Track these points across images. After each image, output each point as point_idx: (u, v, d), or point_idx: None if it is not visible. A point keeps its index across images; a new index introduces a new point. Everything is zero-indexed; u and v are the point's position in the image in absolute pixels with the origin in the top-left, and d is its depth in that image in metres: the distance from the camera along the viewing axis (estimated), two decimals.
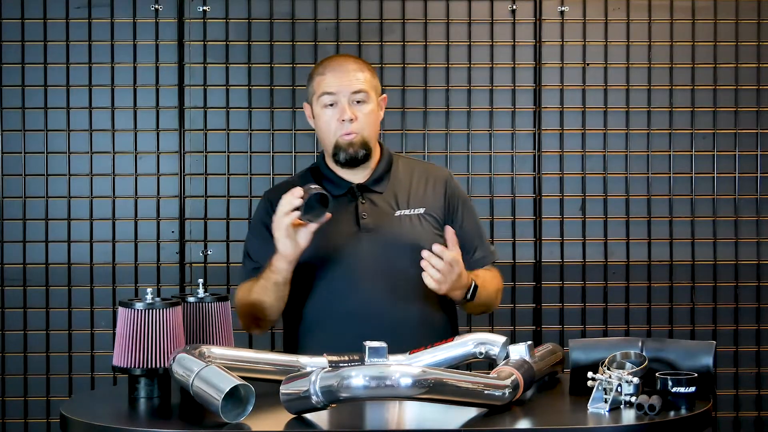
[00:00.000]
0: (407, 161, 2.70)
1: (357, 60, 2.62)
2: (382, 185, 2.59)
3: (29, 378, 3.71)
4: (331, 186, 2.58)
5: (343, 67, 2.56)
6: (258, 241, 2.60)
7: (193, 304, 2.28)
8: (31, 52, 3.72)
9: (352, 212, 2.55)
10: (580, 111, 3.76)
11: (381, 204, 2.57)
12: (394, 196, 2.58)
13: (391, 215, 2.56)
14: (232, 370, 2.00)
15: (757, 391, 3.79)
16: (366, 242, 2.52)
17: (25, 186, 3.72)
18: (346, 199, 2.57)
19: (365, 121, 2.54)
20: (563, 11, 3.76)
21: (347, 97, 2.53)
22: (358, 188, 2.58)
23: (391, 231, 2.53)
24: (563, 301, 3.75)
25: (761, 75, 3.79)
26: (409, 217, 2.56)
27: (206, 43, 3.73)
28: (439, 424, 1.97)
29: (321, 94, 2.54)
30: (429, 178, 2.64)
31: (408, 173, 2.64)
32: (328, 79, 2.54)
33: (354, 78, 2.54)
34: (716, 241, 3.78)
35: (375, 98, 2.58)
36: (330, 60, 2.62)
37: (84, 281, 3.71)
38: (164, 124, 3.73)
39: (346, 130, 2.53)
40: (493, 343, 2.25)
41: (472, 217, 2.67)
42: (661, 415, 1.93)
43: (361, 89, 2.54)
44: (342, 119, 2.52)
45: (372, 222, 2.54)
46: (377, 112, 2.59)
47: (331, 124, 2.54)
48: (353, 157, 2.54)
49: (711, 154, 3.78)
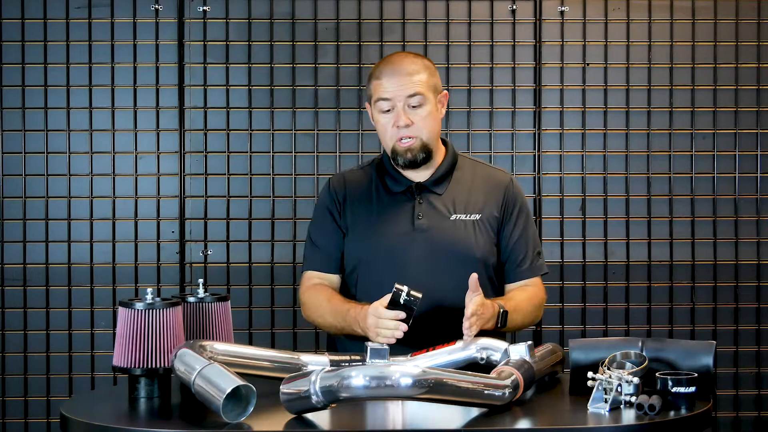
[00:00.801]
0: (471, 163, 2.68)
1: (414, 60, 2.56)
2: (441, 187, 2.58)
3: (29, 378, 3.71)
4: (392, 182, 2.59)
5: (399, 70, 2.52)
6: (325, 230, 2.60)
7: (193, 304, 2.28)
8: (31, 52, 3.72)
9: (408, 212, 2.55)
10: (580, 111, 3.77)
11: (438, 206, 2.56)
12: (452, 198, 2.57)
13: (447, 218, 2.54)
14: (234, 366, 2.00)
15: (757, 391, 3.79)
16: (419, 243, 2.51)
17: (25, 186, 3.72)
18: (404, 198, 2.57)
19: (422, 124, 2.52)
20: (563, 11, 3.76)
21: (403, 101, 2.50)
22: (417, 188, 2.57)
23: (444, 234, 2.53)
24: (563, 301, 3.75)
25: (761, 75, 3.79)
26: (464, 223, 2.54)
27: (206, 43, 3.73)
28: (439, 424, 1.97)
29: (377, 100, 2.53)
30: (490, 183, 2.61)
31: (470, 176, 2.62)
32: (384, 84, 2.52)
33: (409, 82, 2.51)
34: (716, 241, 3.78)
35: (433, 98, 2.54)
36: (386, 62, 2.57)
37: (84, 281, 3.71)
38: (164, 124, 3.73)
39: (402, 134, 2.52)
40: (495, 348, 2.25)
41: (525, 227, 2.62)
42: (661, 415, 1.93)
43: (416, 92, 2.50)
44: (398, 125, 2.51)
45: (427, 223, 2.53)
46: (436, 112, 2.56)
47: (387, 129, 2.53)
48: (412, 161, 2.54)
49: (711, 154, 3.78)
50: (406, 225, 2.54)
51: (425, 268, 2.50)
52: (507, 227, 2.59)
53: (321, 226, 2.62)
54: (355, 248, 2.56)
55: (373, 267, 2.53)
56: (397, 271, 2.48)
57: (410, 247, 2.51)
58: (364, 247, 2.54)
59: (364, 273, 2.55)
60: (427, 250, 2.51)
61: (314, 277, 2.60)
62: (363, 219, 2.57)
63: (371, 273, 2.53)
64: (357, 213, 2.58)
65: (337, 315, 2.48)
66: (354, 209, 2.59)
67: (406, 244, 2.52)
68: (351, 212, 2.59)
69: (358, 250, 2.55)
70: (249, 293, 3.70)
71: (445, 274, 2.50)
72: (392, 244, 2.52)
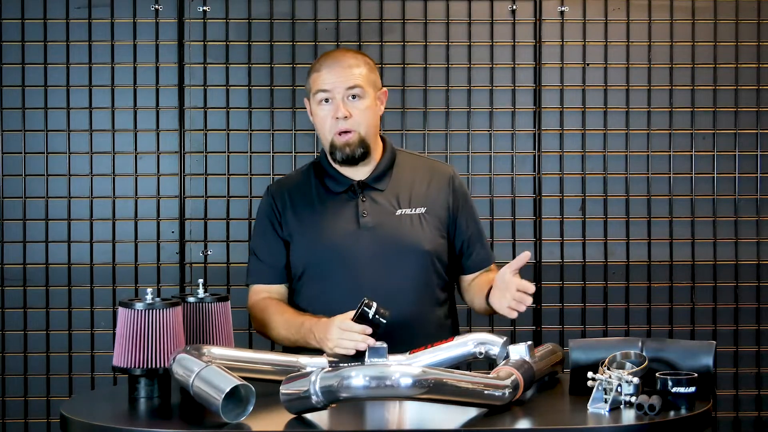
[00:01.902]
0: (411, 157, 2.67)
1: (355, 55, 2.57)
2: (383, 183, 2.57)
3: (29, 378, 3.71)
4: (331, 183, 2.57)
5: (339, 62, 2.52)
6: (267, 241, 2.59)
7: (193, 304, 2.28)
8: (31, 52, 3.72)
9: (352, 210, 2.54)
10: (580, 111, 3.76)
11: (382, 202, 2.55)
12: (395, 194, 2.56)
13: (392, 214, 2.54)
14: (232, 370, 2.00)
15: (757, 391, 3.79)
16: (365, 241, 2.50)
17: (25, 186, 3.72)
18: (347, 197, 2.55)
19: (361, 117, 2.51)
20: (563, 11, 3.76)
21: (342, 93, 2.50)
22: (359, 185, 2.56)
23: (391, 230, 2.52)
24: (563, 301, 3.75)
25: (761, 75, 3.79)
26: (410, 217, 2.54)
27: (206, 44, 3.73)
28: (439, 424, 1.98)
29: (316, 91, 2.52)
30: (432, 176, 2.61)
31: (411, 170, 2.61)
32: (323, 76, 2.51)
33: (349, 74, 2.50)
34: (716, 241, 3.78)
35: (372, 93, 2.54)
36: (326, 56, 2.57)
37: (84, 281, 3.71)
38: (164, 124, 3.73)
39: (341, 127, 2.50)
40: (492, 343, 2.25)
41: (473, 217, 2.65)
42: (661, 415, 1.94)
43: (355, 84, 2.50)
44: (336, 116, 2.50)
45: (372, 221, 2.52)
46: (375, 107, 2.55)
47: (326, 122, 2.52)
48: (350, 156, 2.52)
49: (711, 154, 3.78)
50: (351, 224, 2.52)
51: (375, 266, 2.49)
52: (460, 219, 2.60)
53: (263, 238, 2.60)
54: (302, 253, 2.53)
55: (322, 269, 2.51)
56: (346, 271, 2.48)
57: (357, 246, 2.50)
58: (310, 250, 2.52)
59: (312, 277, 2.53)
60: (375, 247, 2.50)
61: (261, 291, 2.59)
62: (306, 223, 2.55)
63: (320, 276, 2.52)
64: (300, 218, 2.56)
65: (290, 327, 2.46)
66: (296, 214, 2.56)
67: (352, 243, 2.50)
68: (293, 218, 2.56)
69: (304, 254, 2.53)
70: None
71: (395, 269, 2.49)
72: (339, 244, 2.51)
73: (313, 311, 2.49)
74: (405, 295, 2.49)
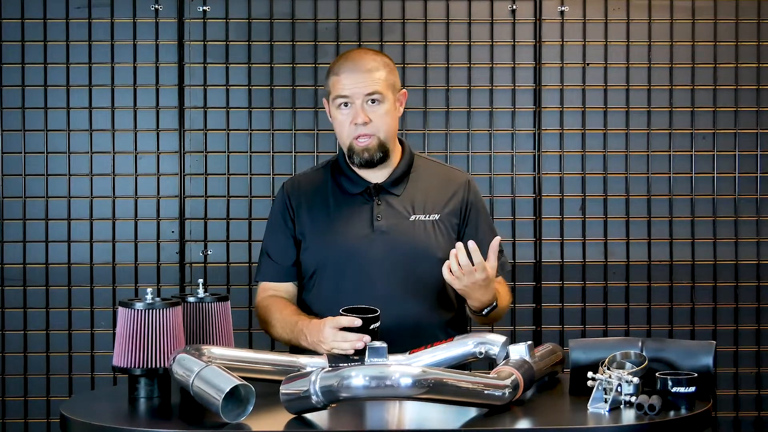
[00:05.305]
0: (428, 163, 2.66)
1: (374, 56, 2.53)
2: (399, 187, 2.56)
3: (29, 378, 3.71)
4: (348, 184, 2.56)
5: (358, 66, 2.49)
6: (278, 238, 2.58)
7: (193, 304, 2.29)
8: (31, 52, 3.72)
9: (367, 213, 2.53)
10: (580, 111, 3.76)
11: (397, 207, 2.54)
12: (411, 199, 2.55)
13: (406, 219, 2.53)
14: (232, 370, 2.00)
15: (757, 391, 3.79)
16: (378, 245, 2.50)
17: (25, 186, 3.72)
18: (362, 199, 2.55)
19: (380, 122, 2.49)
20: (563, 11, 3.76)
21: (361, 98, 2.48)
22: (375, 189, 2.55)
23: (404, 235, 2.51)
24: (563, 301, 3.75)
25: (761, 75, 3.79)
26: (423, 223, 2.53)
27: (206, 43, 3.73)
28: (439, 424, 1.98)
29: (335, 97, 2.50)
30: (448, 183, 2.60)
31: (427, 177, 2.60)
32: (343, 81, 2.49)
33: (369, 79, 2.48)
34: (716, 241, 3.78)
35: (392, 96, 2.52)
36: (345, 58, 2.54)
37: (84, 281, 3.71)
38: (164, 124, 3.73)
39: (360, 132, 2.49)
40: (492, 342, 2.25)
41: (487, 226, 2.61)
42: (661, 415, 1.94)
43: (375, 91, 2.48)
44: (355, 122, 2.49)
45: (386, 225, 2.51)
46: (394, 110, 2.54)
47: (345, 126, 2.51)
48: (369, 161, 2.51)
49: (711, 154, 3.78)
50: (365, 227, 2.51)
51: (385, 270, 2.48)
52: (470, 228, 2.57)
53: (274, 235, 2.59)
54: (314, 253, 2.53)
55: (334, 270, 2.51)
56: (357, 272, 2.48)
57: (370, 249, 2.49)
58: (323, 251, 2.51)
59: (324, 277, 2.52)
60: (387, 251, 2.49)
61: (269, 288, 2.58)
62: (320, 223, 2.54)
63: (332, 277, 2.51)
64: (313, 217, 2.55)
65: (285, 326, 2.46)
66: (310, 213, 2.56)
67: (365, 246, 2.50)
68: (307, 217, 2.55)
69: (316, 255, 2.52)
70: (249, 293, 3.70)
71: (407, 274, 2.49)
72: (351, 246, 2.50)
73: (323, 311, 2.47)
74: (416, 300, 2.49)
